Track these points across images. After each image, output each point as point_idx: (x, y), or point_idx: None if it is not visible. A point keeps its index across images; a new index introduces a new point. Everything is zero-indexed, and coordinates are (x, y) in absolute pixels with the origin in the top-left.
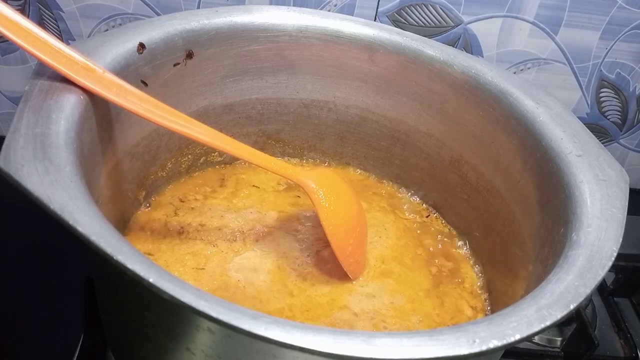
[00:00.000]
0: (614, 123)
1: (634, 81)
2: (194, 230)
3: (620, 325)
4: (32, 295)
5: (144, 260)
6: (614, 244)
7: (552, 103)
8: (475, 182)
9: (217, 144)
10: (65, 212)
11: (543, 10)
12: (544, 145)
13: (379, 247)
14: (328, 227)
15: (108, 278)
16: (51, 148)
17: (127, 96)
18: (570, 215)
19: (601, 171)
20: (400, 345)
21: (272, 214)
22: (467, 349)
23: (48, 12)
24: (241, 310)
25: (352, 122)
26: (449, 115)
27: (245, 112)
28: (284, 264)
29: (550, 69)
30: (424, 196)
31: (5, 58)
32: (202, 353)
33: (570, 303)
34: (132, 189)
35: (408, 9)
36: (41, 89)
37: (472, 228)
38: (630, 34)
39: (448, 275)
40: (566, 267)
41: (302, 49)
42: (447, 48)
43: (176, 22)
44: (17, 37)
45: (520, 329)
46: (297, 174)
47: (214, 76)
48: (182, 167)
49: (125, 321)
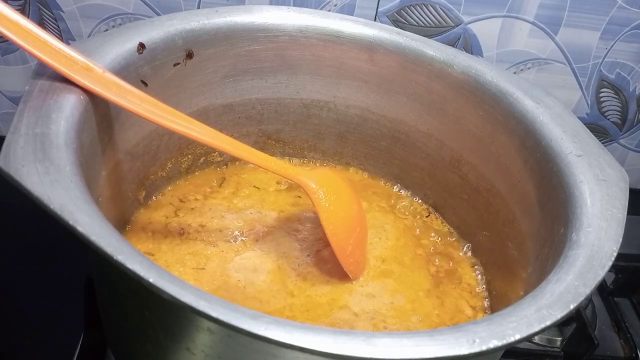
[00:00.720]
0: (614, 123)
1: (634, 81)
2: (194, 230)
3: (620, 325)
4: (32, 295)
5: (144, 260)
6: (614, 244)
7: (552, 103)
8: (475, 182)
9: (217, 144)
10: (65, 212)
11: (543, 10)
12: (544, 145)
13: (378, 247)
14: (328, 227)
15: (108, 278)
16: (51, 148)
17: (127, 96)
18: (570, 215)
19: (601, 171)
20: (400, 345)
21: (272, 214)
22: (467, 349)
23: (48, 12)
24: (241, 310)
25: (352, 122)
26: (449, 115)
27: (245, 112)
28: (284, 263)
29: (550, 69)
30: (424, 196)
31: (5, 58)
32: (202, 353)
33: (570, 303)
34: (132, 189)
35: (408, 9)
36: (41, 89)
37: (472, 228)
38: (630, 34)
39: (448, 275)
40: (566, 267)
41: (302, 49)
42: (447, 48)
43: (176, 22)
44: (17, 37)
45: (520, 329)
46: (297, 174)
47: (214, 76)
48: (182, 167)
49: (125, 321)
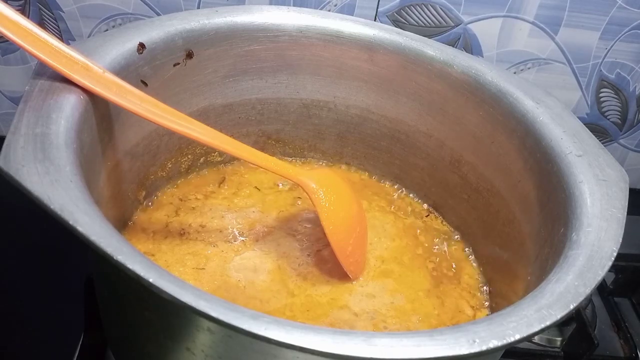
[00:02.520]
0: (614, 123)
1: (633, 81)
2: (194, 230)
3: (620, 325)
4: (32, 295)
5: (144, 260)
6: (614, 244)
7: (552, 103)
8: (475, 182)
9: (217, 144)
10: (65, 212)
11: (543, 10)
12: (544, 145)
13: (378, 247)
14: (328, 227)
15: (108, 278)
16: (51, 148)
17: (127, 96)
18: (570, 215)
19: (601, 171)
20: (400, 345)
21: (273, 214)
22: (467, 349)
23: (48, 12)
24: (241, 310)
25: (352, 122)
26: (449, 115)
27: (245, 112)
28: (284, 263)
29: (550, 69)
30: (424, 196)
31: (5, 58)
32: (202, 353)
33: (570, 303)
34: (132, 189)
35: (408, 9)
36: (41, 89)
37: (472, 228)
38: (630, 34)
39: (448, 275)
40: (566, 267)
41: (302, 49)
42: (447, 48)
43: (176, 22)
44: (17, 37)
45: (520, 329)
46: (297, 174)
47: (214, 76)
48: (182, 167)
49: (125, 321)
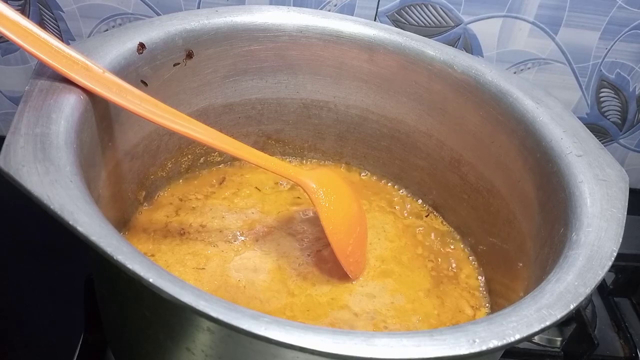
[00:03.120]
0: (614, 123)
1: (633, 81)
2: (194, 230)
3: (620, 325)
4: (32, 295)
5: (144, 260)
6: (614, 244)
7: (552, 103)
8: (475, 182)
9: (217, 144)
10: (65, 212)
11: (543, 10)
12: (544, 145)
13: (378, 247)
14: (328, 227)
15: (108, 278)
16: (51, 148)
17: (127, 96)
18: (570, 215)
19: (601, 171)
20: (400, 345)
21: (273, 214)
22: (467, 349)
23: (48, 12)
24: (241, 310)
25: (352, 122)
26: (449, 115)
27: (245, 112)
28: (285, 263)
29: (550, 69)
30: (424, 196)
31: (5, 58)
32: (202, 353)
33: (570, 303)
34: (132, 189)
35: (408, 9)
36: (41, 89)
37: (472, 228)
38: (630, 34)
39: (448, 275)
40: (566, 267)
41: (302, 49)
42: (447, 48)
43: (176, 22)
44: (17, 37)
45: (520, 329)
46: (297, 174)
47: (214, 76)
48: (182, 167)
49: (125, 321)
